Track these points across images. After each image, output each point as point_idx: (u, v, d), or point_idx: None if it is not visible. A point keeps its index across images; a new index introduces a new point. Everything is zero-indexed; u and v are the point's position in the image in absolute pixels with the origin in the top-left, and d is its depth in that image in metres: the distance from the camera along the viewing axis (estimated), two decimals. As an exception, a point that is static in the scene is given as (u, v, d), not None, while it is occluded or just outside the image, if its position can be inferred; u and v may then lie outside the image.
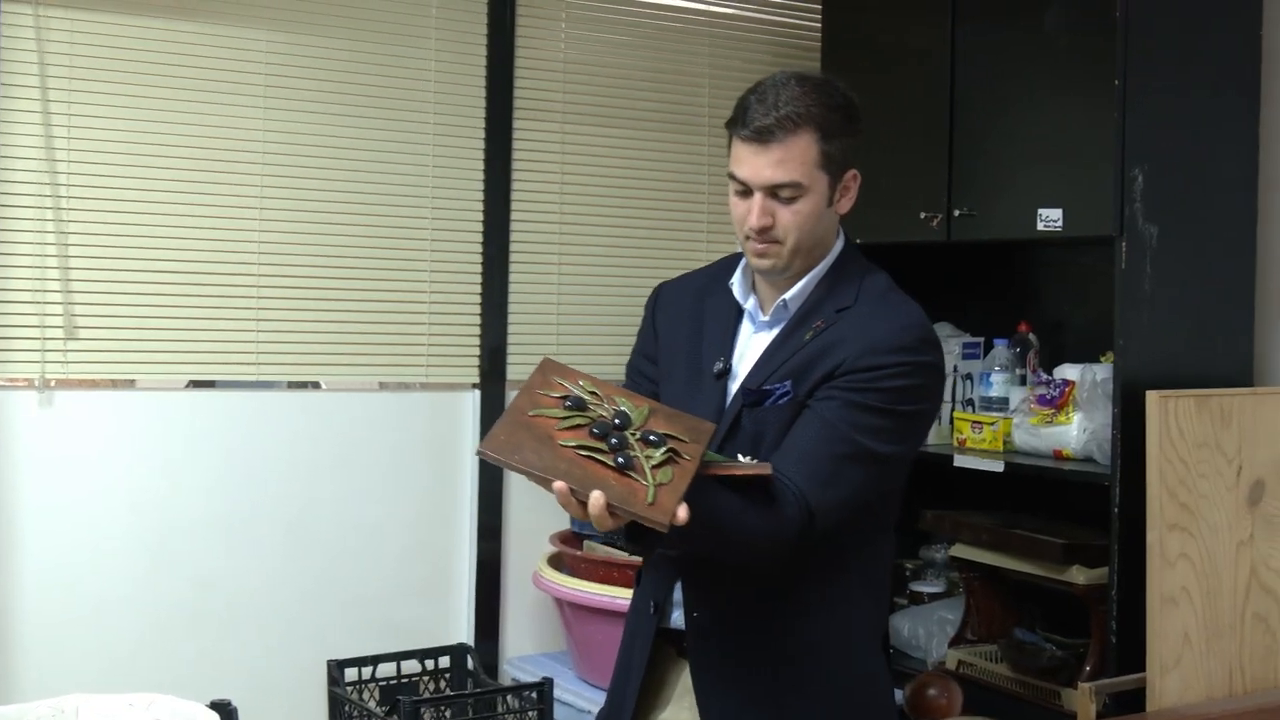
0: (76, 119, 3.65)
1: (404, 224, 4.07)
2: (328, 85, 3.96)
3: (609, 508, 1.89)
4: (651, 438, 1.98)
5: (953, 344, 3.88)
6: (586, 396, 2.04)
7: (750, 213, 2.21)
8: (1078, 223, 3.27)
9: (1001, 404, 3.70)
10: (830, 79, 2.28)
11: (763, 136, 2.17)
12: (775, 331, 2.28)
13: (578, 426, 1.99)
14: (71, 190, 3.66)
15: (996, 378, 3.74)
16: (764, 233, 2.21)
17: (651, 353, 2.44)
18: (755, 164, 2.19)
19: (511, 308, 4.22)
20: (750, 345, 2.32)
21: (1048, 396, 3.47)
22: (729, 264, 2.41)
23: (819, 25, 4.13)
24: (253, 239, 3.87)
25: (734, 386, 2.29)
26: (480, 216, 4.17)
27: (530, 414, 1.99)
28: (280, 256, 3.91)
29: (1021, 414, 3.55)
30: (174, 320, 3.78)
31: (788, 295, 2.27)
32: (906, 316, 2.23)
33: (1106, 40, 3.16)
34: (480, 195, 4.18)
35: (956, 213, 3.55)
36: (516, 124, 4.21)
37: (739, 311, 2.35)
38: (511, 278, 4.21)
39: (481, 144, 4.17)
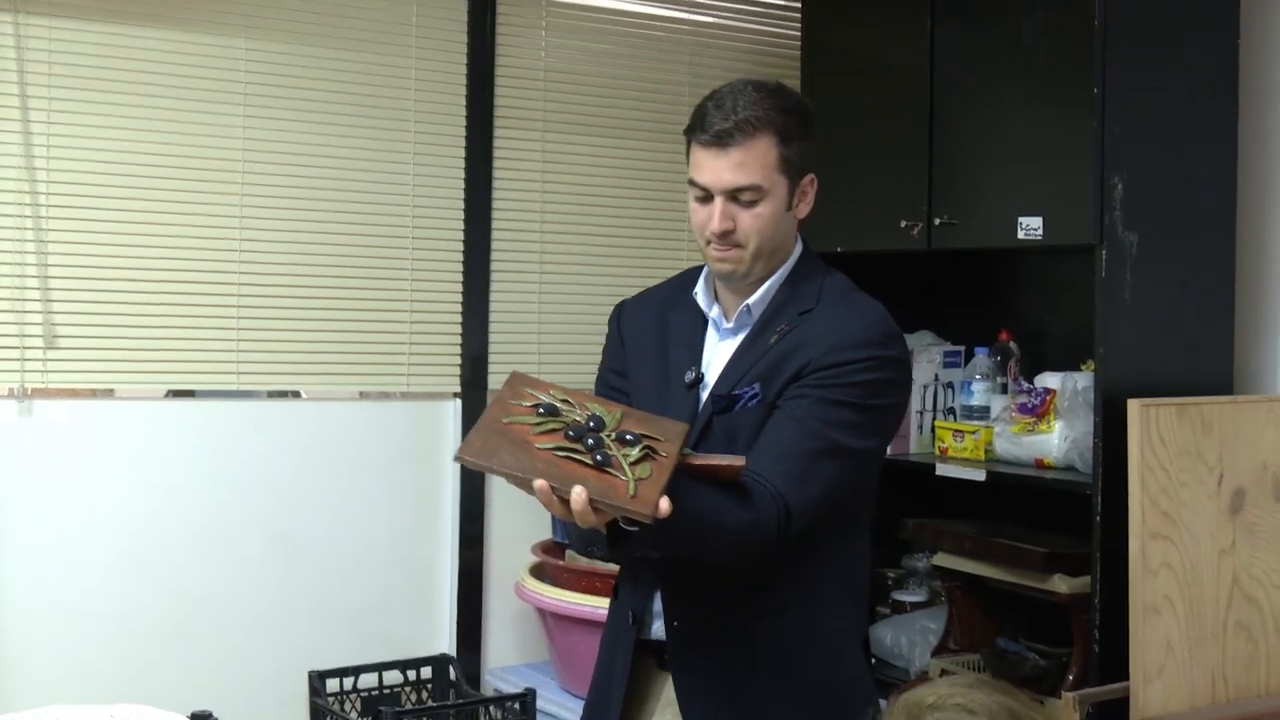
0: (56, 127, 3.64)
1: (385, 233, 4.06)
2: (308, 94, 3.95)
3: (591, 502, 1.89)
4: (628, 437, 2.00)
5: (934, 352, 3.88)
6: (559, 404, 2.05)
7: (711, 218, 2.23)
8: (1058, 231, 3.26)
9: (983, 413, 3.70)
10: (784, 85, 2.30)
11: (722, 140, 2.19)
12: (740, 337, 2.30)
13: (552, 431, 1.99)
14: (51, 198, 3.64)
15: (977, 386, 3.73)
16: (725, 237, 2.23)
17: (620, 366, 2.45)
18: (715, 168, 2.21)
19: (493, 316, 4.21)
20: (717, 352, 2.33)
21: (1029, 405, 3.47)
22: (690, 276, 2.43)
23: (799, 34, 4.12)
24: (233, 247, 3.86)
25: (705, 395, 2.29)
26: (461, 225, 4.17)
27: (505, 421, 2.00)
28: (260, 265, 3.89)
29: (1003, 422, 3.55)
30: (154, 329, 3.76)
31: (750, 300, 2.29)
32: (870, 313, 2.26)
33: (1085, 48, 3.16)
34: (461, 204, 4.17)
35: (937, 221, 3.54)
36: (497, 133, 4.21)
37: (704, 321, 2.35)
38: (493, 286, 4.20)
39: (462, 153, 4.16)
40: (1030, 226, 3.32)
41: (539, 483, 1.90)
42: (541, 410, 2.03)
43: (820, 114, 3.84)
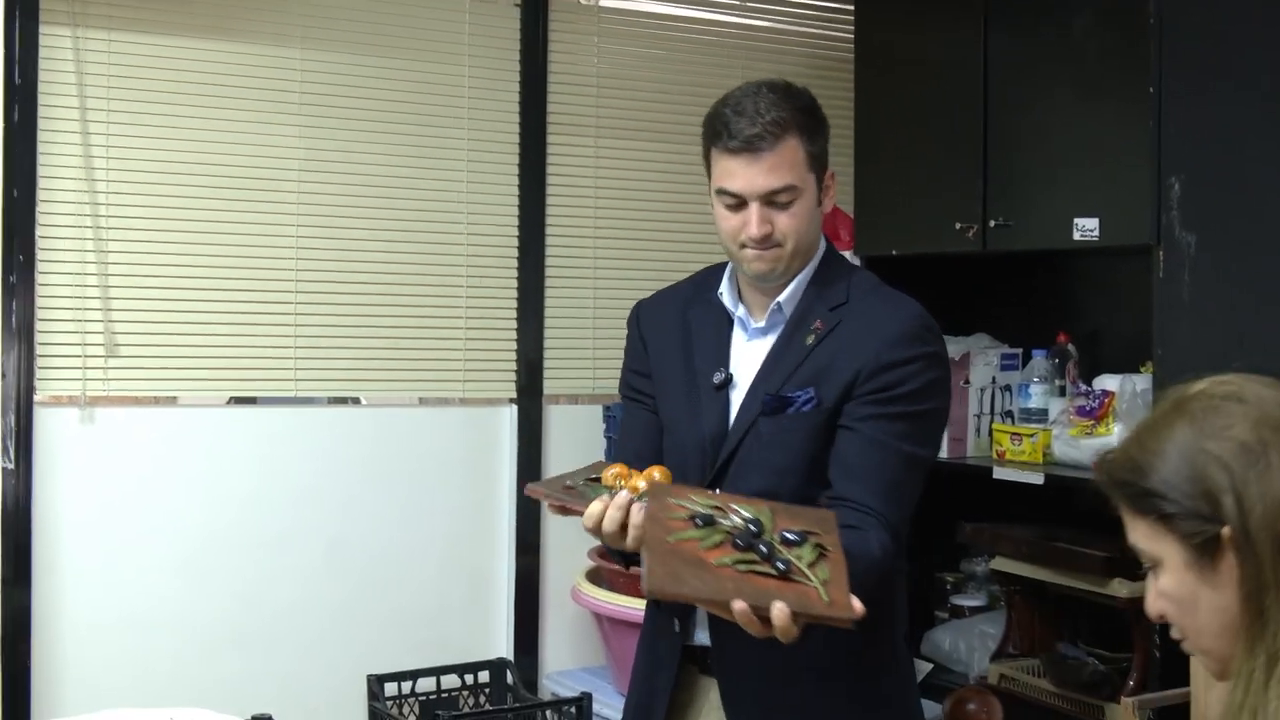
0: (115, 139, 3.68)
1: (440, 239, 4.08)
2: (362, 103, 3.98)
3: (792, 616, 1.86)
4: (791, 537, 1.94)
5: (991, 355, 3.86)
6: (710, 511, 1.99)
7: (748, 223, 2.22)
8: (1114, 232, 3.24)
9: (1041, 415, 3.67)
10: (791, 84, 2.29)
11: (753, 145, 2.19)
12: (773, 336, 2.28)
13: (720, 543, 1.93)
14: (110, 209, 3.68)
15: (1035, 389, 3.71)
16: (764, 240, 2.21)
17: (644, 368, 2.44)
18: (748, 174, 2.20)
19: (548, 322, 4.22)
20: (746, 353, 2.31)
21: (1087, 407, 3.44)
22: (710, 275, 2.42)
23: (851, 36, 4.11)
24: (290, 255, 3.89)
25: (736, 396, 2.29)
26: (515, 231, 4.18)
27: (671, 541, 1.91)
28: (318, 271, 3.92)
29: (1061, 425, 3.53)
30: (214, 337, 3.80)
31: (781, 298, 2.28)
32: (906, 306, 2.26)
33: (1140, 45, 3.14)
34: (515, 210, 4.18)
35: (992, 223, 3.53)
36: (550, 139, 4.22)
37: (729, 320, 2.34)
38: (547, 292, 4.22)
39: (516, 159, 4.18)
40: (1086, 228, 3.29)
41: (738, 605, 1.84)
42: (699, 521, 1.96)
43: (873, 116, 3.89)
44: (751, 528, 1.95)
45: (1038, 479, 3.46)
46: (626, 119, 4.34)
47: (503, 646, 4.17)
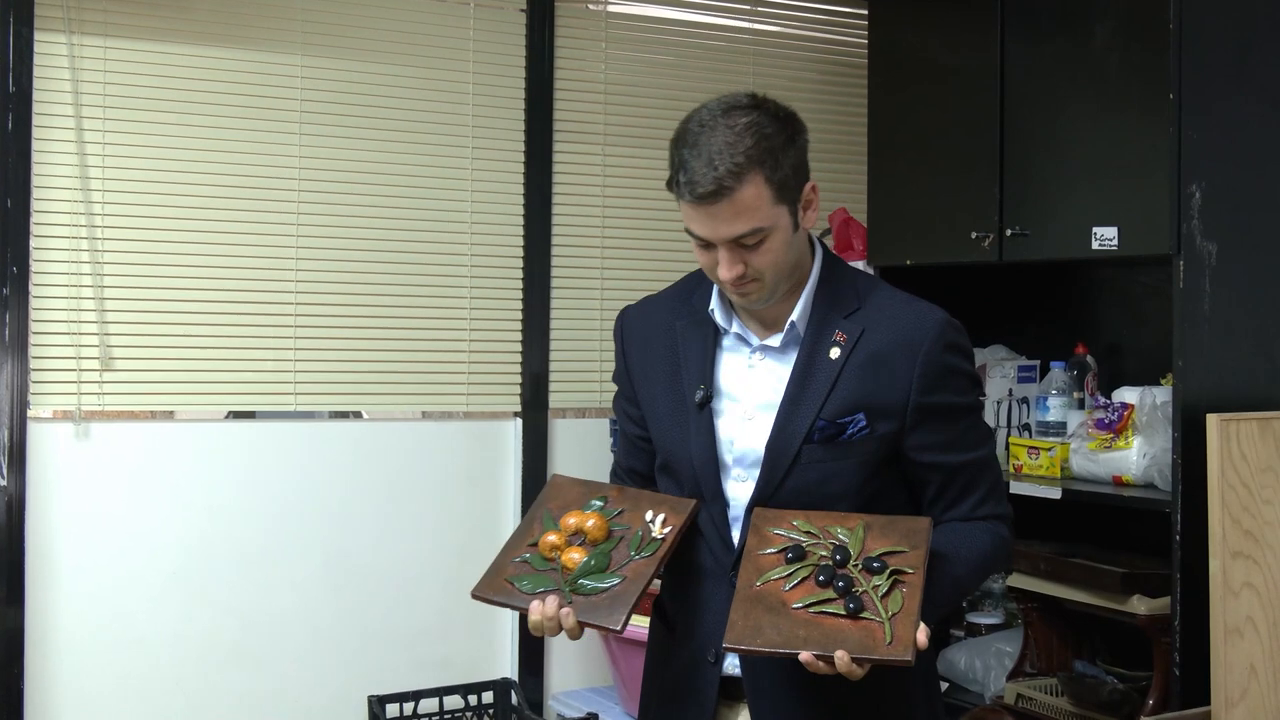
0: (110, 147, 3.70)
1: (443, 249, 4.09)
2: (364, 110, 4.00)
3: (854, 660, 1.99)
4: (874, 564, 2.08)
5: (1008, 367, 3.86)
6: (803, 539, 2.15)
7: (719, 265, 2.19)
8: (1134, 241, 3.24)
9: (1059, 429, 3.68)
10: (756, 98, 2.22)
11: (709, 200, 2.13)
12: (791, 355, 2.27)
13: (803, 580, 2.10)
14: (106, 219, 3.70)
15: (1053, 401, 3.71)
16: (739, 280, 2.20)
17: (630, 393, 2.43)
18: (710, 224, 2.16)
19: (553, 334, 4.23)
20: (755, 372, 2.30)
21: (1106, 420, 3.44)
22: (697, 280, 2.39)
23: (864, 41, 4.13)
24: (290, 266, 3.90)
25: (725, 415, 2.29)
26: (520, 241, 4.19)
27: (757, 584, 2.10)
28: (318, 284, 3.94)
29: (1079, 439, 3.53)
30: (212, 350, 3.82)
31: (794, 316, 2.26)
32: (928, 310, 2.28)
33: (1160, 52, 3.15)
34: (520, 220, 4.20)
35: (1009, 232, 3.53)
36: (557, 147, 4.24)
37: (716, 333, 2.34)
38: (553, 303, 4.23)
39: (521, 168, 4.19)
40: (1105, 237, 3.30)
41: (804, 658, 2.01)
42: (790, 556, 2.12)
43: (887, 124, 3.90)
44: (837, 557, 2.10)
45: (1055, 494, 3.46)
46: (635, 127, 4.35)
47: (507, 666, 4.17)
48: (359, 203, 3.99)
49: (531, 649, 4.17)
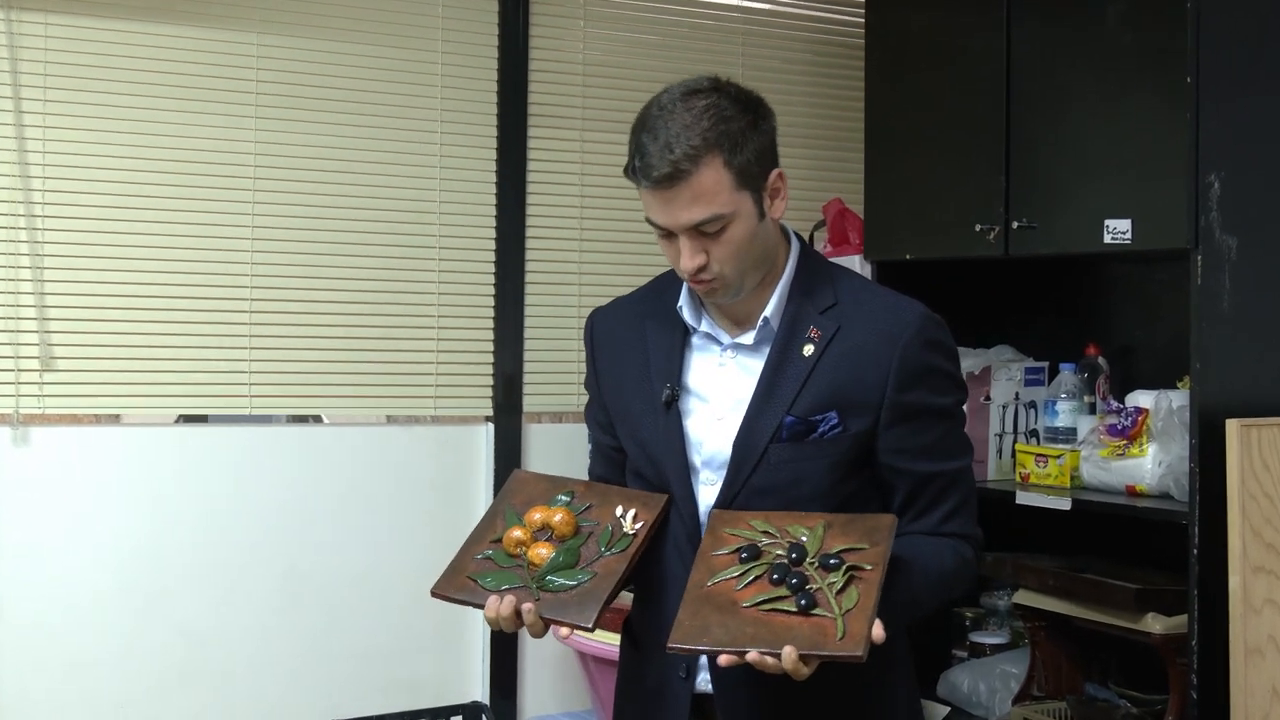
0: (52, 131, 3.69)
1: (410, 243, 4.09)
2: (325, 93, 3.99)
3: (802, 657, 1.99)
4: (831, 561, 2.10)
5: (1014, 369, 3.87)
6: (760, 538, 2.16)
7: (680, 255, 2.22)
8: (1148, 235, 3.25)
9: (1068, 435, 3.68)
10: (718, 81, 2.25)
11: (665, 184, 2.17)
12: (763, 354, 2.29)
13: (756, 579, 2.11)
14: (47, 208, 3.69)
15: (1062, 406, 3.72)
16: (700, 271, 2.22)
17: (601, 399, 2.46)
18: (668, 210, 2.20)
19: (528, 333, 4.23)
20: (724, 371, 2.31)
21: (1119, 426, 3.45)
22: (670, 279, 2.41)
23: (862, 19, 4.13)
24: (245, 261, 3.90)
25: (694, 416, 2.30)
26: (492, 234, 4.19)
27: (709, 584, 2.12)
28: (275, 279, 3.93)
29: (1090, 446, 3.54)
30: (161, 349, 3.81)
31: (767, 312, 2.28)
32: (909, 306, 2.28)
33: (1176, 34, 3.15)
34: (492, 211, 4.20)
35: (1015, 225, 3.54)
36: (532, 133, 4.24)
37: (685, 332, 2.35)
38: (528, 299, 4.23)
39: (494, 155, 4.19)
40: (1118, 230, 3.31)
41: (751, 657, 2.01)
42: (744, 555, 2.14)
43: (885, 108, 3.91)
44: (793, 555, 2.12)
45: (1064, 504, 3.47)
46: (616, 112, 4.35)
47: (478, 688, 4.17)
48: (319, 192, 3.98)
49: (504, 670, 4.17)
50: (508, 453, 4.17)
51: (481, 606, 2.21)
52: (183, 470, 3.84)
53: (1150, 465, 3.37)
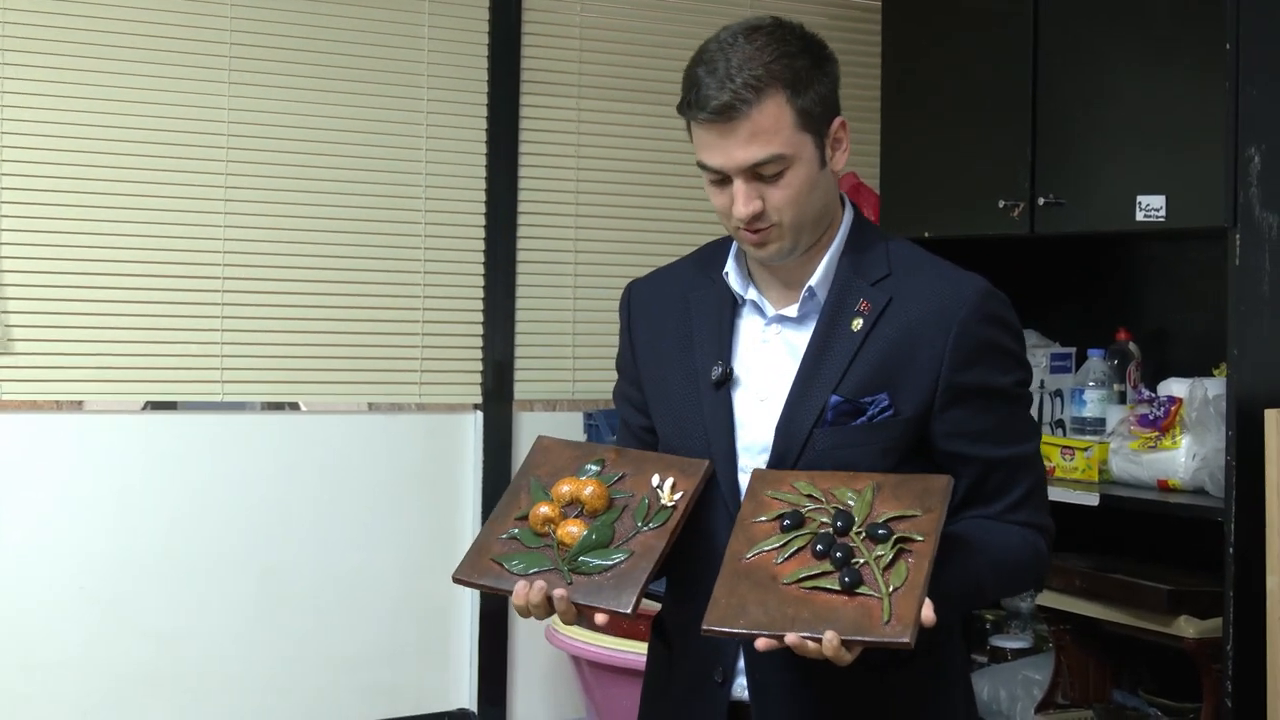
0: (9, 97, 3.68)
1: (394, 219, 4.09)
2: (302, 59, 3.98)
3: (845, 643, 1.94)
4: (879, 532, 2.04)
5: (1039, 355, 3.87)
6: (805, 502, 2.11)
7: (734, 201, 2.20)
8: (1184, 212, 3.25)
9: (1097, 426, 3.68)
10: (782, 21, 2.24)
11: (724, 115, 2.14)
12: (809, 328, 2.26)
13: (798, 551, 2.06)
14: (4, 181, 3.68)
15: (1091, 395, 3.72)
16: (755, 220, 2.20)
17: (635, 376, 2.42)
18: (724, 147, 2.16)
19: (519, 316, 4.23)
20: (768, 347, 2.30)
21: (1151, 417, 3.45)
22: (715, 250, 2.39)
23: (879, -17, 4.13)
24: (217, 238, 3.89)
25: (743, 395, 2.27)
26: (482, 210, 4.19)
27: (747, 557, 2.07)
28: (250, 257, 3.92)
29: (1120, 437, 3.54)
30: (127, 331, 3.80)
31: (813, 281, 2.25)
32: (970, 278, 2.24)
33: (1216, -2, 3.16)
34: (482, 185, 4.19)
35: (1042, 201, 3.54)
36: (524, 101, 4.23)
37: (734, 304, 2.33)
38: (519, 280, 4.22)
39: (484, 125, 4.18)
40: (1151, 207, 3.31)
41: (790, 639, 1.95)
42: (786, 522, 2.09)
43: (903, 75, 3.90)
44: (839, 523, 2.06)
45: (1092, 500, 3.47)
46: (615, 79, 4.35)
47: (465, 695, 4.18)
48: (296, 164, 3.98)
49: (493, 676, 4.17)
50: (497, 443, 4.17)
51: (509, 593, 2.14)
52: (150, 461, 3.84)
53: (1184, 458, 3.37)
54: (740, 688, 2.25)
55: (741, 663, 2.24)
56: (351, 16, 4.03)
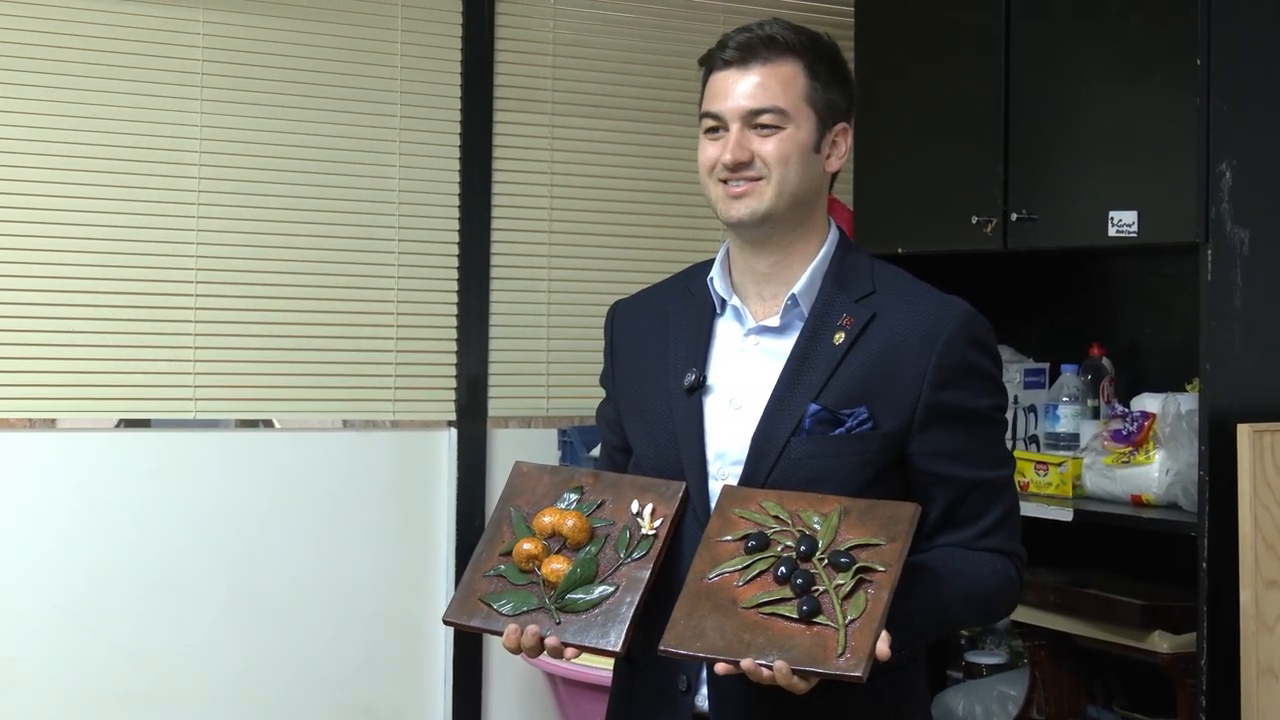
0: (-19, 115, 3.68)
1: (367, 235, 4.08)
2: (274, 75, 3.98)
3: (795, 672, 1.96)
4: (842, 560, 2.05)
5: (1013, 370, 3.87)
6: (771, 524, 2.12)
7: (726, 148, 2.24)
8: (1156, 227, 3.26)
9: (1070, 441, 3.69)
10: (821, 34, 2.34)
11: (744, 56, 2.24)
12: (791, 338, 2.27)
13: (760, 574, 2.07)
14: (-23, 198, 3.67)
15: (1064, 410, 3.73)
16: (740, 168, 2.23)
17: (610, 384, 2.46)
18: (732, 90, 2.25)
19: (493, 332, 4.22)
20: (747, 356, 2.30)
21: (1124, 432, 3.46)
22: (698, 268, 2.42)
23: (852, 0, 4.14)
24: (190, 254, 3.88)
25: (716, 401, 2.28)
26: (456, 226, 4.19)
27: (710, 577, 2.09)
28: (222, 273, 3.91)
29: (1093, 453, 3.55)
30: (99, 349, 3.79)
31: (796, 289, 2.27)
32: (953, 301, 2.27)
33: (1187, 14, 3.16)
34: (456, 201, 4.19)
35: (1014, 216, 3.55)
36: (498, 118, 4.23)
37: (713, 312, 2.35)
38: (493, 296, 4.22)
39: (457, 141, 4.18)
40: (1124, 222, 3.32)
41: (745, 664, 1.98)
42: (751, 544, 2.10)
43: (876, 91, 3.90)
44: (802, 548, 2.07)
45: (1066, 515, 3.47)
46: (589, 95, 4.35)
47: (440, 712, 4.17)
48: (269, 180, 3.97)
49: (468, 695, 4.17)
50: (471, 460, 4.16)
51: (499, 633, 2.17)
52: (123, 479, 3.82)
53: (1157, 473, 3.38)
54: (704, 697, 2.26)
55: (705, 673, 2.25)
56: (324, 34, 4.03)
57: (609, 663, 3.71)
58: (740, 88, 2.24)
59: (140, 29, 3.82)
